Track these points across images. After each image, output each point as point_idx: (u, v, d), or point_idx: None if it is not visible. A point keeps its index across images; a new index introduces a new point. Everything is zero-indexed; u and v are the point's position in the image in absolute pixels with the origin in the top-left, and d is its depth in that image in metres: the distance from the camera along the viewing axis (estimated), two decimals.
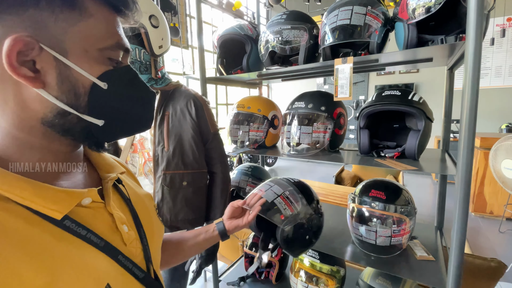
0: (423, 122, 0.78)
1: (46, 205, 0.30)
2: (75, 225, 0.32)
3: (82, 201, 0.35)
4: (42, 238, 0.29)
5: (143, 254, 0.41)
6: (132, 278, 0.37)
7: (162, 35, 0.95)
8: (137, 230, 0.42)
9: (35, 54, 0.30)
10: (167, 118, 0.94)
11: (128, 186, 0.47)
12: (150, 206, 0.50)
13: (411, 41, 0.71)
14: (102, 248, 0.34)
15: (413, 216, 0.87)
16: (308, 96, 1.03)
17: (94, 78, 0.34)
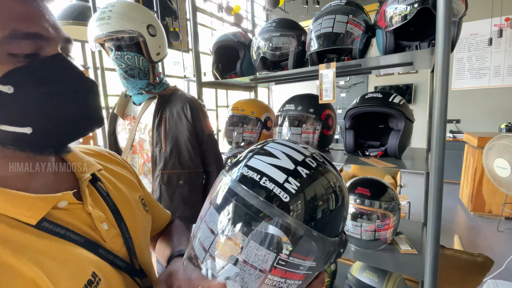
0: (403, 123, 0.83)
1: (20, 212, 0.31)
2: (53, 226, 0.33)
3: (59, 204, 0.35)
4: (25, 238, 0.31)
5: (125, 248, 0.41)
6: (115, 270, 0.38)
7: (159, 43, 1.01)
8: (118, 226, 0.42)
9: None
10: (164, 120, 1.00)
11: (109, 180, 0.46)
12: (133, 198, 0.49)
13: (389, 47, 0.76)
14: (82, 244, 0.35)
15: (397, 212, 0.91)
16: (298, 99, 1.08)
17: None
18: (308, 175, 0.32)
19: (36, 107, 0.32)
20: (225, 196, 0.33)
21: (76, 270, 0.33)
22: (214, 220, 0.33)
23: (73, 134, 0.37)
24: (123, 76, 0.98)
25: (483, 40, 4.00)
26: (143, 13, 0.96)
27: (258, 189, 0.31)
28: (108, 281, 0.36)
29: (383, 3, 0.79)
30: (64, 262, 0.32)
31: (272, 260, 0.30)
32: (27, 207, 0.32)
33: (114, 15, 0.90)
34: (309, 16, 5.17)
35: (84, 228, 0.37)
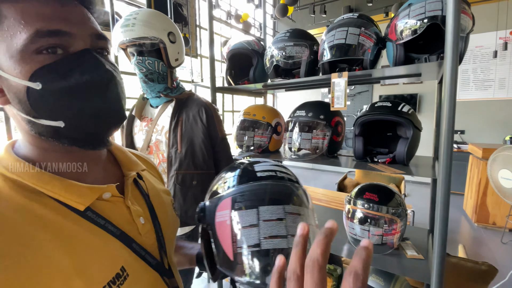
0: (411, 131, 0.86)
1: (72, 198, 0.35)
2: (95, 216, 0.36)
3: (103, 195, 0.39)
4: (68, 225, 0.34)
5: (157, 244, 0.44)
6: (145, 264, 0.40)
7: (178, 49, 1.06)
8: (153, 222, 0.45)
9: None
10: (180, 123, 1.04)
11: (148, 181, 0.50)
12: (167, 200, 0.53)
13: (399, 59, 0.80)
14: (118, 236, 0.38)
15: (404, 218, 0.94)
16: (309, 105, 1.12)
17: (24, 81, 0.32)
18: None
19: (63, 101, 0.34)
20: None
21: (106, 263, 0.35)
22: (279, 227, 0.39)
23: (101, 128, 0.38)
24: (143, 80, 1.03)
25: (488, 53, 4.05)
26: (164, 21, 1.02)
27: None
28: (136, 277, 0.38)
29: (394, 17, 0.84)
30: (97, 253, 0.35)
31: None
32: (78, 194, 0.35)
33: (138, 23, 0.96)
34: (316, 25, 5.28)
35: (121, 221, 0.40)
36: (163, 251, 0.45)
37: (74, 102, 0.34)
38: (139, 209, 0.43)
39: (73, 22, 0.34)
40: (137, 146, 1.15)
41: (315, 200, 2.94)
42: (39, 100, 0.33)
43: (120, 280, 0.35)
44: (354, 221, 0.99)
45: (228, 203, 0.40)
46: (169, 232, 0.49)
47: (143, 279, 0.40)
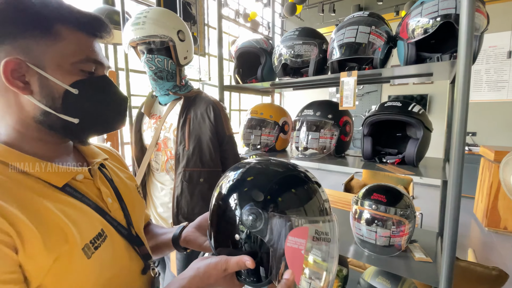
0: (421, 132, 0.85)
1: (51, 176, 0.43)
2: (73, 191, 0.45)
3: (77, 177, 0.48)
4: (55, 195, 0.43)
5: (125, 220, 0.53)
6: (117, 233, 0.50)
7: (187, 48, 1.07)
8: (119, 202, 0.54)
9: (24, 70, 0.41)
10: (188, 121, 1.05)
11: (111, 169, 0.59)
12: (131, 185, 0.61)
13: (410, 58, 0.79)
14: (94, 208, 0.47)
15: (412, 220, 0.92)
16: (317, 104, 1.11)
17: (65, 85, 0.43)
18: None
19: (87, 106, 0.46)
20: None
21: (90, 223, 0.44)
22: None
23: (103, 130, 0.52)
24: (153, 78, 1.04)
25: (502, 53, 3.94)
26: (174, 19, 1.03)
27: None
28: (112, 240, 0.48)
29: (406, 15, 0.83)
30: (82, 215, 0.44)
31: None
32: (56, 174, 0.44)
33: (148, 21, 0.97)
34: (324, 24, 5.23)
35: (94, 198, 0.49)
36: (130, 225, 0.54)
37: (95, 109, 0.47)
38: (107, 190, 0.52)
39: (101, 55, 0.49)
40: (146, 143, 1.17)
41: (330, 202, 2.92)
42: (71, 101, 0.44)
43: (101, 239, 0.45)
44: (361, 222, 0.98)
45: (305, 233, 0.41)
46: (136, 212, 0.58)
47: (118, 244, 0.49)
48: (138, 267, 0.53)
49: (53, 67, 0.42)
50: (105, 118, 0.50)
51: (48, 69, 0.42)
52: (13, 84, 0.40)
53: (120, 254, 0.49)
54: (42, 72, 0.42)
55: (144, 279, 0.54)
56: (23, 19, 0.40)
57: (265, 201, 0.43)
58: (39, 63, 0.42)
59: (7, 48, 0.40)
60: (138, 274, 0.53)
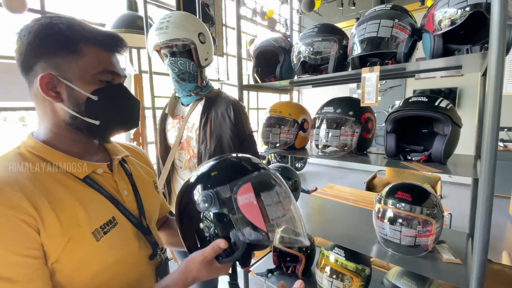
0: (449, 128, 0.81)
1: (74, 169, 0.52)
2: (92, 182, 0.53)
3: (97, 171, 0.56)
4: (73, 184, 0.51)
5: (138, 210, 0.60)
6: (128, 221, 0.57)
7: (207, 49, 1.10)
8: (134, 194, 0.61)
9: (55, 83, 0.49)
10: (210, 120, 1.08)
11: (132, 165, 0.67)
12: (148, 181, 0.69)
13: (436, 51, 0.76)
14: (108, 198, 0.54)
15: (440, 219, 0.89)
16: (337, 101, 1.10)
17: (87, 94, 0.51)
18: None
19: (105, 110, 0.54)
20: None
21: (102, 211, 0.52)
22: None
23: (120, 129, 0.60)
24: (176, 80, 1.08)
25: None
26: (195, 22, 1.06)
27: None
28: (122, 227, 0.55)
29: (432, 6, 0.79)
30: (95, 203, 0.52)
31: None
32: (79, 167, 0.53)
33: (171, 25, 1.01)
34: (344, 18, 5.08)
35: (111, 189, 0.57)
36: (142, 215, 0.61)
37: (112, 113, 0.55)
38: (124, 183, 0.60)
39: (118, 67, 0.56)
40: (170, 142, 1.22)
41: (342, 199, 2.86)
42: (92, 106, 0.52)
43: (111, 225, 0.52)
44: (384, 221, 0.96)
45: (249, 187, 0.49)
46: (149, 203, 0.65)
47: (128, 231, 0.56)
48: (146, 253, 0.60)
49: (77, 79, 0.50)
50: (120, 119, 0.58)
51: (73, 80, 0.50)
52: (48, 94, 0.49)
53: (129, 240, 0.56)
54: (69, 83, 0.50)
55: (151, 264, 0.61)
56: (54, 41, 0.48)
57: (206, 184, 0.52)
58: (67, 76, 0.50)
59: (42, 65, 0.49)
60: (146, 259, 0.59)
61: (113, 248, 0.52)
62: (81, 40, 0.50)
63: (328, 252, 1.18)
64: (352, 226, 1.23)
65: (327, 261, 1.16)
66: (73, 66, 0.50)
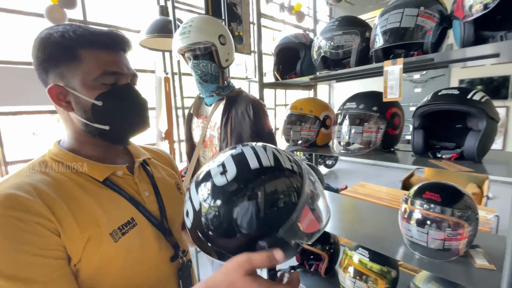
0: (484, 123, 0.74)
1: (94, 172, 0.53)
2: (112, 184, 0.54)
3: (117, 173, 0.56)
4: (93, 187, 0.51)
5: (159, 212, 0.60)
6: (148, 222, 0.56)
7: (228, 50, 1.13)
8: (155, 195, 0.61)
9: (64, 92, 0.50)
10: (230, 119, 1.12)
11: (154, 167, 0.67)
12: (171, 182, 0.68)
13: (467, 39, 0.69)
14: (129, 199, 0.55)
15: (473, 222, 0.81)
16: (360, 96, 1.06)
17: (91, 100, 0.50)
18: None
19: (112, 114, 0.53)
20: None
21: (121, 212, 0.53)
22: None
23: (131, 132, 0.58)
24: (199, 81, 1.14)
25: None
26: (215, 25, 1.10)
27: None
28: (142, 228, 0.55)
29: None
30: (114, 205, 0.52)
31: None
32: (98, 170, 0.54)
33: (193, 30, 1.06)
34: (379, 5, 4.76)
35: (131, 191, 0.57)
36: (164, 217, 0.60)
37: (119, 116, 0.54)
38: (145, 185, 0.60)
39: (122, 66, 0.54)
40: (195, 141, 1.29)
41: (374, 198, 2.72)
42: (98, 112, 0.52)
43: (130, 226, 0.52)
44: (410, 222, 0.91)
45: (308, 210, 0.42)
46: (171, 204, 0.64)
47: (148, 231, 0.56)
48: (168, 255, 0.59)
49: (81, 86, 0.50)
50: (129, 121, 0.56)
51: (77, 88, 0.50)
52: (60, 105, 0.51)
53: (149, 241, 0.56)
54: (74, 91, 0.50)
55: (172, 266, 0.60)
56: (53, 52, 0.49)
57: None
58: (71, 84, 0.50)
59: (52, 77, 0.50)
60: (167, 261, 0.59)
61: (132, 249, 0.52)
62: (77, 46, 0.49)
63: (351, 252, 1.15)
64: (378, 226, 1.18)
65: (351, 261, 1.14)
66: (76, 73, 0.50)
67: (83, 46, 0.49)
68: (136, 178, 0.59)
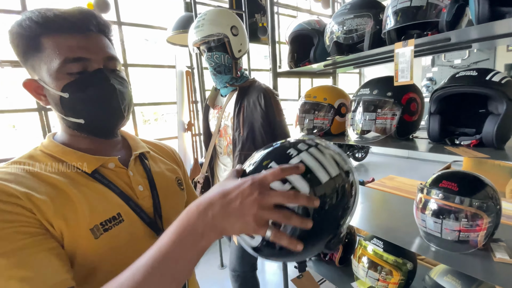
0: (504, 105, 0.67)
1: (82, 164, 0.49)
2: (101, 177, 0.50)
3: (109, 165, 0.52)
4: (82, 179, 0.48)
5: (153, 208, 0.54)
6: (138, 219, 0.51)
7: (241, 41, 1.16)
8: (151, 190, 0.55)
9: (39, 86, 0.47)
10: (243, 109, 1.16)
11: (153, 161, 0.62)
12: (170, 177, 0.63)
13: (482, 16, 0.63)
14: (118, 193, 0.50)
15: (493, 213, 0.76)
16: (375, 82, 1.02)
17: (57, 92, 0.46)
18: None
19: (82, 106, 0.48)
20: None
21: (106, 206, 0.48)
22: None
23: (110, 124, 0.52)
24: (213, 73, 1.19)
25: None
26: (227, 16, 1.13)
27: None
28: (130, 224, 0.50)
29: None
30: (101, 199, 0.48)
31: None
32: (87, 161, 0.50)
33: (206, 23, 1.10)
34: None
35: (123, 185, 0.52)
36: (157, 214, 0.55)
37: (89, 107, 0.49)
38: (140, 179, 0.55)
39: (91, 50, 0.47)
40: (212, 131, 1.35)
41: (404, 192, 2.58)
42: (67, 104, 0.47)
43: (115, 221, 0.48)
44: (425, 212, 0.87)
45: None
46: (168, 200, 0.59)
47: (137, 229, 0.51)
48: None
49: (47, 77, 0.46)
50: (102, 112, 0.50)
51: (46, 81, 0.46)
52: (39, 99, 0.49)
53: (138, 239, 0.51)
54: (43, 84, 0.47)
55: None
56: (20, 45, 0.45)
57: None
58: (42, 77, 0.46)
59: (29, 70, 0.48)
60: None
61: (115, 246, 0.47)
62: (39, 34, 0.44)
63: (366, 242, 1.13)
64: (395, 217, 1.14)
65: (364, 251, 1.12)
66: (42, 64, 0.45)
67: (43, 34, 0.44)
68: (129, 171, 0.54)
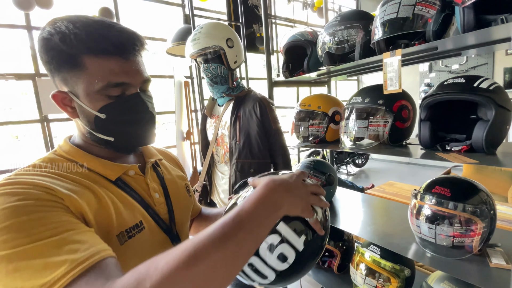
0: (492, 111, 0.69)
1: (106, 171, 0.51)
2: (123, 185, 0.52)
3: (129, 172, 0.54)
4: (109, 185, 0.50)
5: (168, 215, 0.58)
6: (157, 226, 0.54)
7: (236, 53, 1.19)
8: (165, 197, 0.59)
9: (69, 98, 0.48)
10: (239, 118, 1.18)
11: (165, 168, 0.65)
12: (180, 184, 0.67)
13: (467, 25, 0.66)
14: (139, 201, 0.53)
15: (487, 219, 0.76)
16: (366, 90, 1.04)
17: (94, 112, 0.48)
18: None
19: (116, 126, 0.51)
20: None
21: (131, 214, 0.50)
22: None
23: (137, 144, 0.56)
24: (209, 83, 1.22)
25: None
26: (223, 29, 1.17)
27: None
28: (150, 231, 0.52)
29: None
30: (125, 207, 0.50)
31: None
32: (111, 169, 0.52)
33: (202, 36, 1.14)
34: None
35: (142, 192, 0.55)
36: (172, 221, 0.58)
37: (124, 129, 0.52)
38: (156, 186, 0.58)
39: (131, 74, 0.49)
40: (209, 139, 1.37)
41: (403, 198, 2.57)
42: (102, 124, 0.50)
43: (138, 228, 0.50)
44: (420, 218, 0.87)
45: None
46: (179, 208, 0.62)
47: (155, 236, 0.54)
48: None
49: (84, 95, 0.47)
50: (135, 135, 0.53)
51: (81, 97, 0.47)
52: (65, 110, 0.49)
53: (156, 246, 0.53)
54: (77, 100, 0.47)
55: None
56: (55, 57, 0.45)
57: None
58: (75, 92, 0.47)
59: (57, 80, 0.48)
60: None
61: (137, 253, 0.48)
62: (80, 52, 0.44)
63: (363, 249, 1.13)
64: (391, 223, 1.14)
65: (362, 258, 1.12)
66: (79, 81, 0.46)
67: (87, 52, 0.45)
68: (147, 178, 0.57)
